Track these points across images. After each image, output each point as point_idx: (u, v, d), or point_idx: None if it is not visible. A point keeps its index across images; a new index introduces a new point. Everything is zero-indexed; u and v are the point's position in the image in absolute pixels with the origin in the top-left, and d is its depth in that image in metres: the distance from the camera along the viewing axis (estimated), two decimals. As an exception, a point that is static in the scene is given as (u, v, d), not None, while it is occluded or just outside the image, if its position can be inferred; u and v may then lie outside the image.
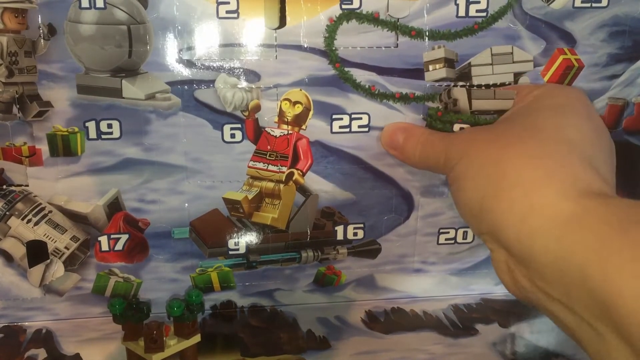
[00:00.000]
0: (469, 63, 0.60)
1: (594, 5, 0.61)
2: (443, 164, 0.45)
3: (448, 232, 0.66)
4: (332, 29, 0.58)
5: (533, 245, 0.36)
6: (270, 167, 0.61)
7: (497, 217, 0.38)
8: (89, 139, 0.59)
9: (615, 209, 0.34)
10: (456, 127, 0.50)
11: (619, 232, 0.32)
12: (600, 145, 0.42)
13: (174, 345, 0.58)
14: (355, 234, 0.65)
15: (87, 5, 0.55)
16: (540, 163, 0.38)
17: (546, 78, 0.62)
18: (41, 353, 0.61)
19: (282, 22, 0.58)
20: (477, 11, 0.59)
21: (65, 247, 0.62)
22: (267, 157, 0.61)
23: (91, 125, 0.58)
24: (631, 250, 0.31)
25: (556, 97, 0.44)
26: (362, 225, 0.65)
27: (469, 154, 0.43)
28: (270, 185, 0.62)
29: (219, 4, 0.56)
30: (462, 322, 0.67)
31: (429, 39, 0.59)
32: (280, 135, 0.61)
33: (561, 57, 0.62)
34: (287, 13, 0.57)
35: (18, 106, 0.57)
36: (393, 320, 0.67)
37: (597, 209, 0.34)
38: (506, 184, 0.38)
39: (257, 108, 0.60)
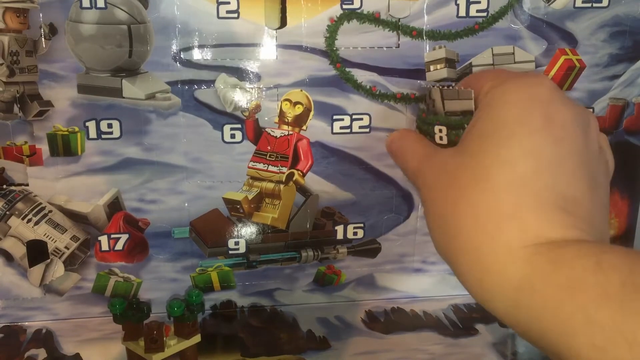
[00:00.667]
0: (470, 63, 0.60)
1: (594, 5, 0.61)
2: (413, 182, 0.45)
3: (448, 233, 0.66)
4: (333, 29, 0.58)
5: (495, 307, 0.35)
6: (271, 168, 0.61)
7: (462, 274, 0.37)
8: (89, 139, 0.59)
9: (563, 266, 0.32)
10: (436, 129, 0.48)
11: (568, 294, 0.30)
12: (560, 154, 0.36)
13: (174, 345, 0.57)
14: (355, 234, 0.65)
15: (88, 5, 0.55)
16: (488, 219, 0.35)
17: (547, 78, 0.62)
18: (41, 353, 0.61)
19: (283, 22, 0.58)
20: (478, 11, 0.59)
21: (66, 247, 0.62)
22: (267, 158, 0.61)
23: (91, 124, 0.58)
24: (583, 316, 0.29)
25: (496, 108, 0.39)
26: (362, 225, 0.65)
27: (430, 190, 0.41)
28: (271, 185, 0.62)
29: (219, 4, 0.56)
30: (462, 322, 0.67)
31: (429, 39, 0.59)
32: (281, 136, 0.61)
33: (563, 58, 0.62)
34: (287, 13, 0.57)
35: (19, 105, 0.57)
36: (393, 320, 0.67)
37: (545, 268, 0.32)
38: (462, 243, 0.36)
39: (258, 108, 0.60)
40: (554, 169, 0.36)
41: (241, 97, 0.59)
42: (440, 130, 0.49)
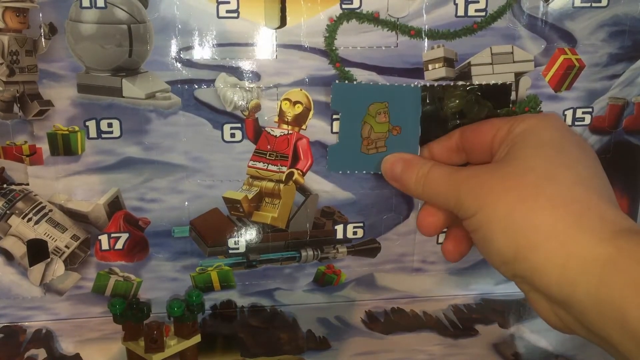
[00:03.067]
0: (469, 62, 0.60)
1: (593, 5, 0.61)
2: (454, 208, 0.45)
3: (448, 232, 0.66)
4: (333, 28, 0.58)
5: (574, 290, 0.37)
6: (270, 167, 0.61)
7: (535, 266, 0.39)
8: (89, 138, 0.59)
9: None
10: None
11: None
12: (599, 170, 0.42)
13: (174, 345, 0.57)
14: (355, 233, 0.65)
15: (88, 5, 0.55)
16: (567, 210, 0.38)
17: (547, 78, 0.62)
18: (41, 353, 0.61)
19: (283, 21, 0.58)
20: (476, 11, 0.59)
21: (66, 246, 0.62)
22: (267, 157, 0.61)
23: (91, 124, 0.59)
24: None
25: (542, 130, 0.44)
26: (361, 225, 0.65)
27: (487, 204, 0.42)
28: (270, 184, 0.62)
29: (219, 3, 0.56)
30: (462, 322, 0.67)
31: (428, 39, 0.59)
32: (281, 135, 0.61)
33: (562, 57, 0.62)
34: (287, 13, 0.58)
35: (19, 105, 0.57)
36: (393, 321, 0.67)
37: (630, 249, 0.35)
38: (540, 237, 0.38)
39: (257, 108, 0.60)
40: (599, 173, 0.41)
41: (241, 97, 0.59)
42: None
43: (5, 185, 0.60)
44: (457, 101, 0.59)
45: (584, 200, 0.39)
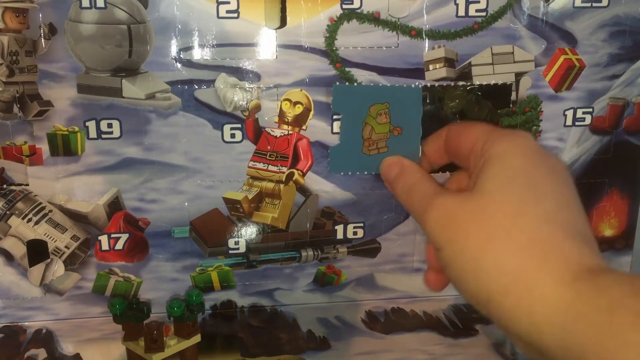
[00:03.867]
0: (470, 62, 0.60)
1: (594, 5, 0.61)
2: (423, 227, 0.46)
3: (448, 232, 0.67)
4: (333, 28, 0.58)
5: (541, 337, 0.37)
6: (271, 167, 0.61)
7: (506, 312, 0.39)
8: (89, 139, 0.59)
9: (603, 291, 0.35)
10: None
11: (608, 317, 0.33)
12: (569, 199, 0.42)
13: (174, 345, 0.57)
14: (355, 233, 0.65)
15: (88, 5, 0.55)
16: (532, 253, 0.38)
17: (548, 78, 0.62)
18: (41, 353, 0.61)
19: (283, 22, 0.58)
20: (477, 11, 0.59)
21: (66, 247, 0.62)
22: (267, 157, 0.61)
23: (91, 124, 0.58)
24: (619, 336, 0.32)
25: (514, 158, 0.44)
26: (362, 225, 0.65)
27: (455, 239, 0.42)
28: (271, 185, 0.62)
29: (219, 3, 0.56)
30: (462, 322, 0.67)
31: (428, 39, 0.59)
32: (281, 136, 0.61)
33: (562, 57, 0.62)
34: (287, 13, 0.57)
35: (19, 105, 0.57)
36: (393, 321, 0.67)
37: (589, 294, 0.35)
38: (508, 280, 0.38)
39: (258, 108, 0.60)
40: (567, 205, 0.40)
41: (241, 97, 0.59)
42: None
43: (5, 186, 0.60)
44: (458, 101, 0.59)
45: (549, 240, 0.38)
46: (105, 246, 0.63)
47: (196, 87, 0.58)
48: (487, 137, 0.45)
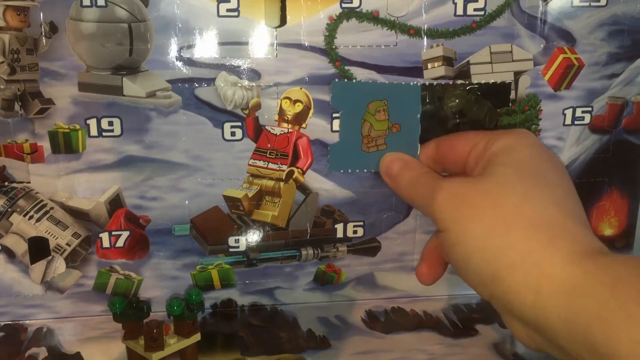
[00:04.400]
0: (468, 61, 0.60)
1: (592, 4, 0.61)
2: (431, 215, 0.46)
3: (448, 231, 0.67)
4: (332, 27, 0.59)
5: (546, 313, 0.37)
6: (271, 165, 0.62)
7: (511, 288, 0.39)
8: (90, 137, 0.59)
9: (608, 269, 0.36)
10: None
11: (612, 292, 0.34)
12: (572, 190, 0.43)
13: (174, 344, 0.57)
14: (355, 232, 0.65)
15: (89, 3, 0.55)
16: (543, 231, 0.39)
17: (547, 77, 0.62)
18: (42, 352, 0.61)
19: (283, 20, 0.58)
20: (475, 10, 0.59)
21: (67, 244, 0.63)
22: (268, 155, 0.61)
23: (92, 122, 0.59)
24: (623, 310, 0.33)
25: (518, 149, 0.45)
26: (361, 223, 0.65)
27: (464, 218, 0.43)
28: (271, 183, 0.62)
29: (219, 2, 0.57)
30: (462, 322, 0.67)
31: (427, 38, 0.59)
32: (281, 134, 0.61)
33: (561, 56, 0.62)
34: (287, 11, 0.58)
35: (20, 103, 0.58)
36: (393, 320, 0.67)
37: (595, 271, 0.36)
38: (517, 256, 0.39)
39: (258, 106, 0.60)
40: (572, 194, 0.43)
41: (241, 95, 0.59)
42: None
43: (6, 183, 0.60)
44: (457, 100, 0.59)
45: (559, 222, 0.40)
46: (106, 244, 0.63)
47: (196, 85, 0.59)
48: (487, 138, 0.47)
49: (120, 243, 0.63)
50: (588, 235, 0.40)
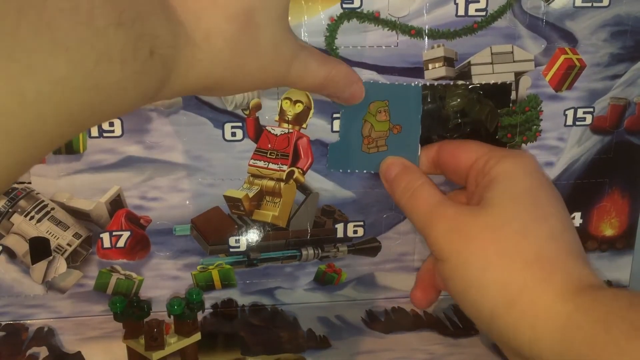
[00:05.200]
0: (469, 62, 0.60)
1: (595, 4, 0.61)
2: (426, 239, 0.46)
3: (448, 231, 0.67)
4: (333, 28, 0.58)
5: (542, 348, 0.38)
6: (271, 166, 0.62)
7: (510, 325, 0.40)
8: (90, 137, 0.59)
9: (600, 303, 0.36)
10: None
11: (604, 327, 0.35)
12: (569, 221, 0.44)
13: (175, 343, 0.58)
14: (355, 232, 0.65)
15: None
16: (538, 267, 0.40)
17: (548, 78, 0.62)
18: (42, 351, 0.61)
19: (283, 21, 0.58)
20: (477, 10, 0.59)
21: (68, 244, 0.63)
22: (268, 156, 0.61)
23: (93, 123, 0.59)
24: (613, 344, 0.34)
25: (517, 178, 0.45)
26: (362, 223, 0.65)
27: (462, 252, 0.43)
28: (271, 183, 0.62)
29: (220, 2, 0.57)
30: (462, 322, 0.67)
31: (428, 38, 0.59)
32: (281, 134, 0.61)
33: (563, 57, 0.62)
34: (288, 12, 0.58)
35: (21, 104, 0.58)
36: (393, 320, 0.67)
37: (587, 306, 0.37)
38: (515, 292, 0.40)
39: (258, 107, 0.60)
40: (569, 226, 0.43)
41: (242, 96, 0.59)
42: None
43: (7, 184, 0.60)
44: (459, 100, 0.59)
45: (555, 257, 0.40)
46: (107, 244, 0.63)
47: (197, 85, 0.59)
48: (488, 155, 0.47)
49: (121, 243, 0.63)
50: (584, 269, 0.40)
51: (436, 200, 0.46)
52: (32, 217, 0.61)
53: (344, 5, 0.58)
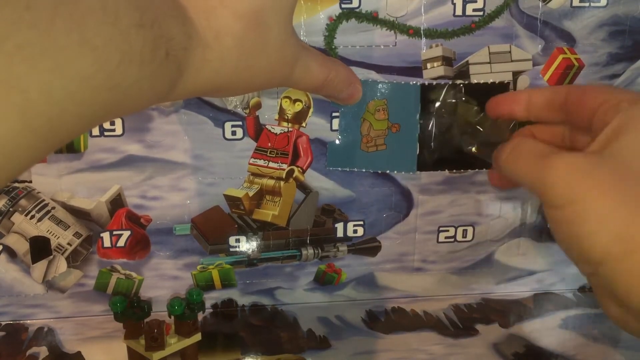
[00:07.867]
0: (467, 61, 0.61)
1: (592, 4, 0.61)
2: (538, 190, 0.44)
3: (448, 231, 0.67)
4: (332, 27, 0.59)
5: None
6: (271, 164, 0.62)
7: (621, 274, 0.39)
8: (91, 136, 0.60)
9: None
10: None
11: None
12: None
13: (175, 343, 0.58)
14: (355, 231, 0.65)
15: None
16: None
17: (546, 77, 0.63)
18: (42, 351, 0.61)
19: (283, 21, 0.58)
20: (474, 10, 0.59)
21: (68, 243, 0.63)
22: (268, 155, 0.62)
23: (94, 122, 0.59)
24: None
25: None
26: (362, 223, 0.65)
27: (584, 197, 0.42)
28: (271, 182, 0.62)
29: (220, 2, 0.57)
30: (462, 322, 0.67)
31: (426, 38, 0.60)
32: (281, 133, 0.61)
33: (561, 57, 0.62)
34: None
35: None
36: (393, 320, 0.67)
37: None
38: (633, 245, 0.38)
39: (258, 106, 0.60)
40: None
41: (242, 95, 0.60)
42: None
43: (8, 183, 0.60)
44: (469, 113, 0.59)
45: None
46: (107, 243, 0.63)
47: (197, 85, 0.59)
48: (617, 101, 0.44)
49: (121, 243, 0.63)
50: None
51: (543, 151, 0.45)
52: (32, 216, 0.62)
53: (343, 5, 0.58)
